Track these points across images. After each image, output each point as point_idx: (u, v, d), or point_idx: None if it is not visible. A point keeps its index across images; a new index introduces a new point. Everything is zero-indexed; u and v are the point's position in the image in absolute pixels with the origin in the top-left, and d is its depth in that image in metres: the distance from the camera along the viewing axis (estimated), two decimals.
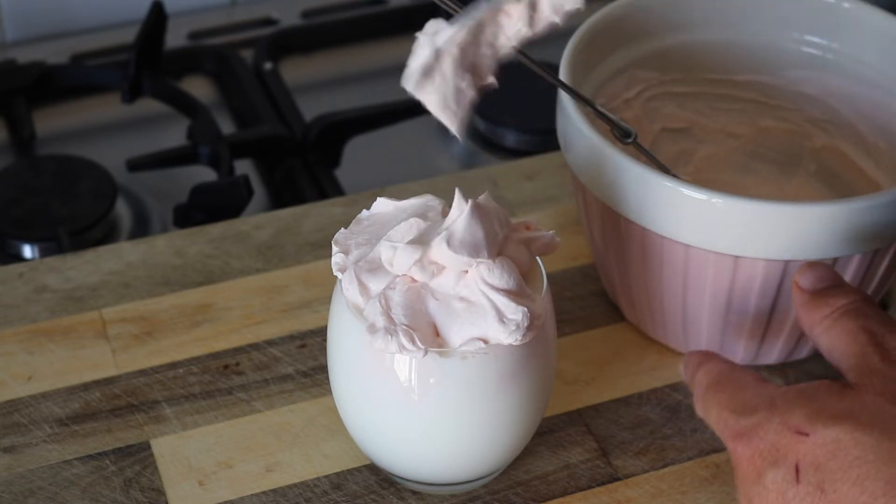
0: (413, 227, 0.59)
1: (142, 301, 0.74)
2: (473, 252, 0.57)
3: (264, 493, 0.65)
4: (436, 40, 0.55)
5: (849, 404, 0.53)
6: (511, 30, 0.57)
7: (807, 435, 0.52)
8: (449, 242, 0.57)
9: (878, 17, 0.73)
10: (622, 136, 0.66)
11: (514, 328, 0.57)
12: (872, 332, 0.56)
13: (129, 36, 0.96)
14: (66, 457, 0.66)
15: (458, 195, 0.59)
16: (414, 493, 0.65)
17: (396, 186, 0.81)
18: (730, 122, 0.77)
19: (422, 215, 0.60)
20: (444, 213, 0.61)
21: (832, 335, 0.57)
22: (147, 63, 0.94)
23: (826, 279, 0.59)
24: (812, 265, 0.59)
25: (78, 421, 0.68)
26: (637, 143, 0.66)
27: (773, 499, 0.53)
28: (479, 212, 0.58)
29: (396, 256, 0.58)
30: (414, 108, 0.94)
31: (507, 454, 0.64)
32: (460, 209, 0.58)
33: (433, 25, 0.56)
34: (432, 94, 0.57)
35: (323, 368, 0.69)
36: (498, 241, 0.59)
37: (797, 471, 0.52)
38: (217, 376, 0.70)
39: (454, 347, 0.58)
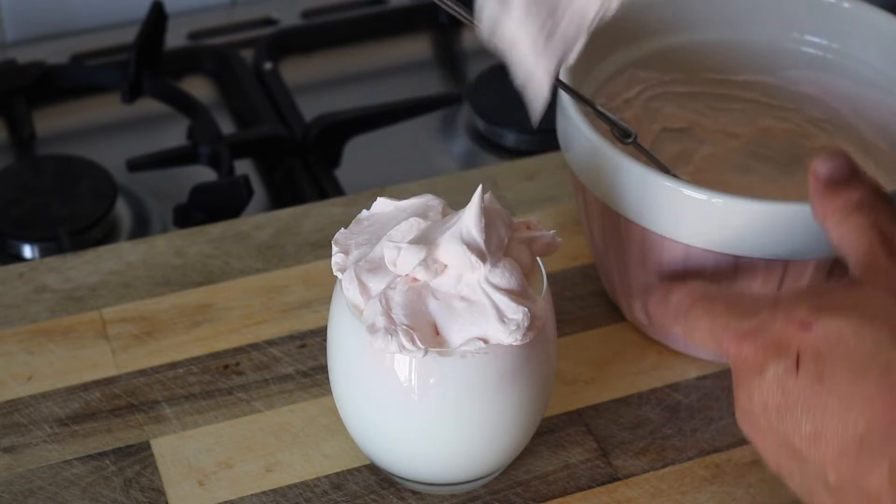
0: (413, 226, 0.59)
1: (142, 301, 0.74)
2: (483, 252, 0.57)
3: (264, 493, 0.65)
4: None
5: (853, 298, 0.54)
6: None
7: (810, 327, 0.53)
8: (461, 239, 0.57)
9: (879, 17, 0.73)
10: (622, 136, 0.66)
11: (514, 328, 0.57)
12: (882, 228, 0.57)
13: (129, 36, 0.96)
14: (66, 457, 0.66)
15: (477, 193, 0.58)
16: (414, 493, 0.65)
17: (396, 186, 0.81)
18: (730, 122, 0.77)
19: (422, 215, 0.60)
20: (445, 213, 0.61)
21: (843, 229, 0.58)
22: (147, 63, 0.94)
23: (843, 171, 0.59)
24: (832, 154, 0.59)
25: (78, 421, 0.68)
26: (637, 143, 0.66)
27: (773, 390, 0.54)
28: (488, 211, 0.58)
29: (401, 256, 0.58)
30: (414, 108, 0.95)
31: (507, 454, 0.64)
32: (475, 206, 0.58)
33: None
34: (518, 29, 0.55)
35: (323, 368, 0.69)
36: (504, 241, 0.59)
37: (798, 362, 0.53)
38: (217, 376, 0.70)
39: (454, 347, 0.58)
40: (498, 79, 0.95)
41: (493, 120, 0.93)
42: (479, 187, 0.58)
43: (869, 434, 0.51)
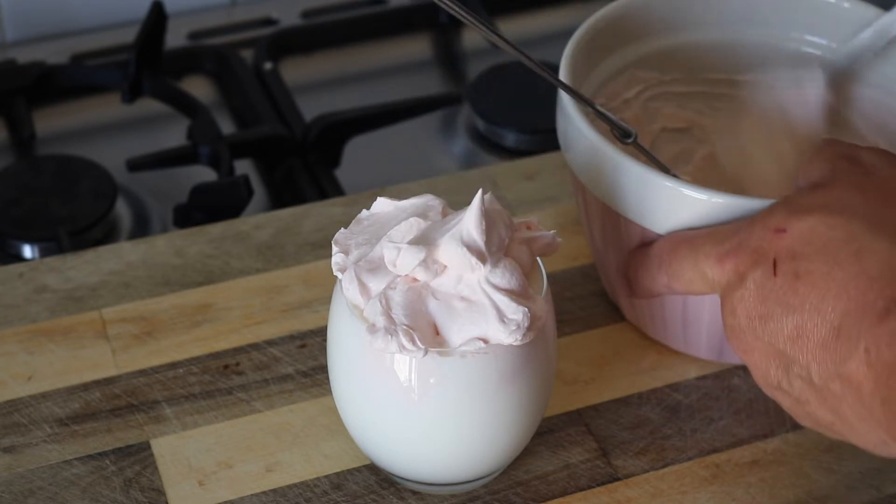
0: (413, 226, 0.59)
1: (142, 301, 0.74)
2: (483, 253, 0.57)
3: (264, 493, 0.65)
4: None
5: (821, 198, 0.57)
6: None
7: (784, 231, 0.56)
8: (461, 241, 0.57)
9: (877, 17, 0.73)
10: (622, 136, 0.66)
11: (514, 328, 0.57)
12: (845, 152, 0.60)
13: (129, 36, 0.96)
14: (66, 457, 0.66)
15: (478, 197, 0.58)
16: (414, 493, 0.65)
17: (396, 186, 0.81)
18: (730, 122, 0.77)
19: (422, 215, 0.60)
20: (445, 214, 0.61)
21: (812, 167, 0.60)
22: (147, 63, 0.94)
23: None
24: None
25: (78, 421, 0.68)
26: (637, 143, 0.66)
27: (754, 296, 0.56)
28: (489, 212, 0.58)
29: (401, 256, 0.58)
30: (414, 108, 0.95)
31: (507, 454, 0.64)
32: (476, 209, 0.58)
33: None
34: None
35: (323, 368, 0.69)
36: (504, 242, 0.59)
37: (775, 265, 0.55)
38: (217, 376, 0.70)
39: (454, 347, 0.58)
40: (498, 79, 0.96)
41: (493, 120, 0.93)
42: (480, 191, 0.58)
43: (845, 321, 0.53)
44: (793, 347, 0.55)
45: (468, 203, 0.59)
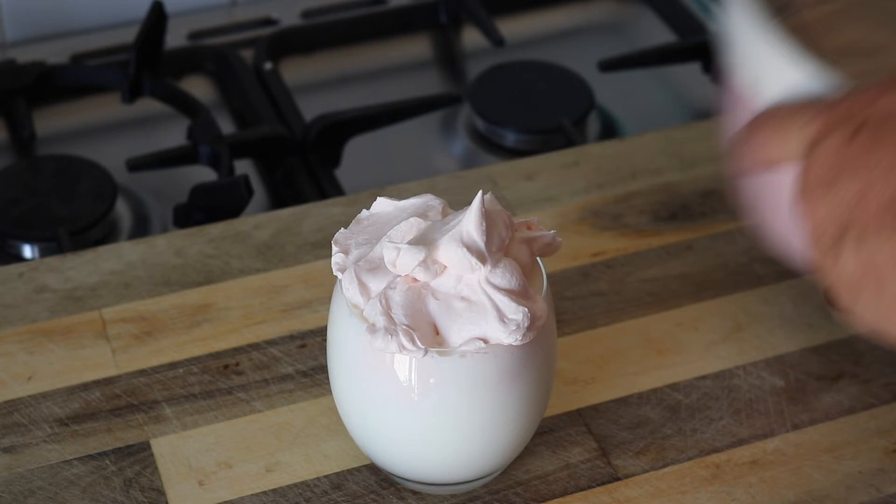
0: (413, 226, 0.59)
1: (142, 301, 0.74)
2: (483, 254, 0.57)
3: (264, 493, 0.65)
4: None
5: None
6: None
7: (877, 99, 0.56)
8: (461, 242, 0.57)
9: None
10: (777, 10, 0.64)
11: (514, 328, 0.57)
12: None
13: (129, 36, 0.96)
14: (66, 457, 0.66)
15: (478, 197, 0.58)
16: (414, 493, 0.65)
17: (396, 186, 0.81)
18: None
19: (422, 215, 0.60)
20: (445, 214, 0.61)
21: None
22: (147, 63, 0.94)
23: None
24: None
25: (78, 421, 0.68)
26: (791, 19, 0.64)
27: (830, 155, 0.56)
28: (489, 213, 0.58)
29: (400, 256, 0.58)
30: (414, 108, 0.95)
31: (507, 454, 0.64)
32: (476, 210, 0.58)
33: None
34: None
35: (323, 368, 0.69)
36: (504, 242, 0.59)
37: (860, 128, 0.55)
38: (217, 376, 0.70)
39: (454, 347, 0.58)
40: (498, 79, 0.96)
41: (493, 120, 0.93)
42: (480, 191, 0.58)
43: None
44: (855, 208, 0.55)
45: (468, 203, 0.59)
